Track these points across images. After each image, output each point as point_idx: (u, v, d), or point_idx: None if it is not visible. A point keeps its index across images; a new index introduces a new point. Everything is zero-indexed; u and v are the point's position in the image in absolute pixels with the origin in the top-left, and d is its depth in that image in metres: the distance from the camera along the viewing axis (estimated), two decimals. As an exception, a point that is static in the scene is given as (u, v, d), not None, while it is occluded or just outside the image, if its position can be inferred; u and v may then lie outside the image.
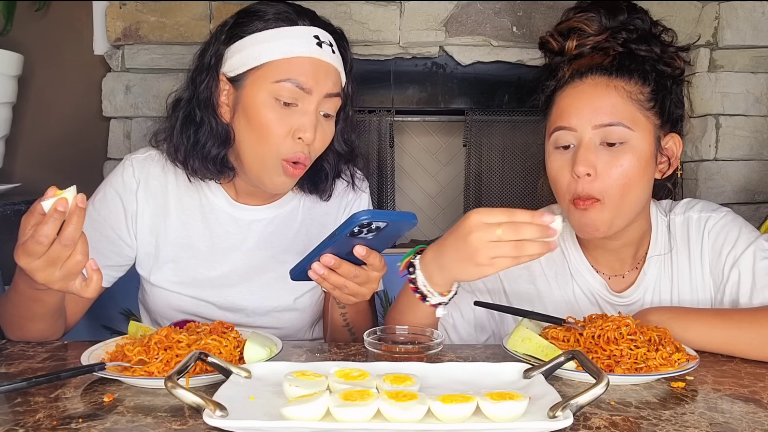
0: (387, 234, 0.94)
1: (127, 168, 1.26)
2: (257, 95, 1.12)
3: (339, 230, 0.91)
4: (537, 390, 0.80)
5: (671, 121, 1.13)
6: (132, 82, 2.17)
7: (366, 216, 0.88)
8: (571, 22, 1.14)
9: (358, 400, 0.73)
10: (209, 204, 1.26)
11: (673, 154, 1.14)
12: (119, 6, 2.12)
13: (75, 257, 0.89)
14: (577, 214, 1.08)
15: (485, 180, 2.32)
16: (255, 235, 1.27)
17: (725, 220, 1.16)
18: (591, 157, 1.06)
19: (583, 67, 1.11)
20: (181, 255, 1.25)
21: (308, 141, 1.12)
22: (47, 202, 0.86)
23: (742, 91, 2.18)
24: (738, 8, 2.16)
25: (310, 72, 1.12)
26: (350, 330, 1.23)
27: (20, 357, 1.01)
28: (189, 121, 1.19)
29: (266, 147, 1.12)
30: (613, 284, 1.20)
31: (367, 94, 2.25)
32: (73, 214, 0.86)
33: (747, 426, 0.76)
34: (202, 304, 1.26)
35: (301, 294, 1.29)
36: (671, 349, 0.92)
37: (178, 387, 0.72)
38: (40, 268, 0.88)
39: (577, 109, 1.08)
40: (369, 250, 0.95)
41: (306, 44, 1.12)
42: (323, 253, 0.95)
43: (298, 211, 1.30)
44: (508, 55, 2.21)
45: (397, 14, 2.16)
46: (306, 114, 1.12)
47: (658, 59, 1.12)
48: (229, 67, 1.15)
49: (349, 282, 0.98)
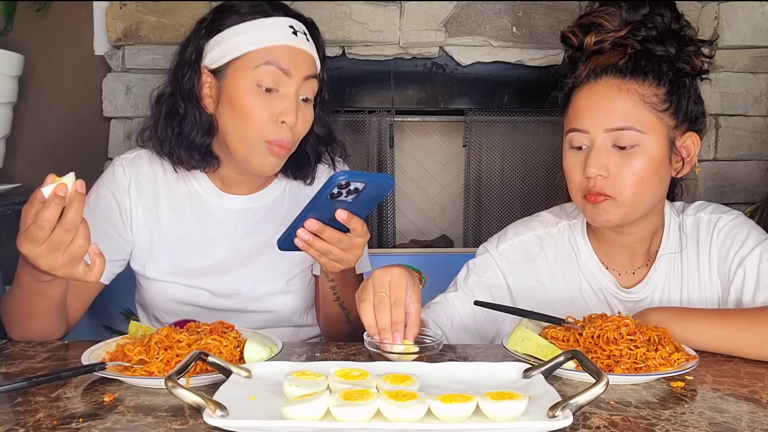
0: (366, 197, 0.96)
1: (117, 167, 1.30)
2: (240, 83, 1.16)
3: (319, 193, 0.93)
4: (537, 390, 0.80)
5: (689, 120, 1.13)
6: (132, 82, 2.17)
7: (343, 176, 0.90)
8: (591, 17, 1.14)
9: (358, 400, 0.73)
10: (198, 196, 1.30)
11: (690, 152, 1.13)
12: (119, 6, 2.13)
13: (77, 242, 0.90)
14: (590, 206, 1.10)
15: (485, 180, 2.32)
16: (244, 224, 1.31)
17: (735, 222, 1.16)
18: (602, 159, 1.07)
19: (599, 66, 1.11)
20: (174, 247, 1.28)
21: (291, 124, 1.17)
22: (47, 188, 0.87)
23: (742, 92, 2.19)
24: (737, 8, 2.16)
25: (288, 57, 1.17)
26: (341, 304, 1.26)
27: (21, 357, 1.01)
28: (173, 113, 1.23)
29: (250, 131, 1.17)
30: (622, 280, 1.20)
31: (367, 94, 2.25)
32: (73, 199, 0.87)
33: (746, 426, 0.76)
34: (198, 292, 1.29)
35: (293, 276, 1.33)
36: (671, 349, 0.92)
37: (178, 387, 0.72)
38: (43, 254, 0.89)
39: (591, 112, 1.09)
40: (350, 214, 0.98)
41: (282, 33, 1.18)
42: (306, 218, 0.98)
43: (284, 198, 1.34)
44: (508, 55, 2.21)
45: (397, 14, 2.16)
46: (287, 98, 1.17)
47: (675, 58, 1.12)
48: (210, 60, 1.20)
49: (333, 247, 1.01)
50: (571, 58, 1.19)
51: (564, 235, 1.24)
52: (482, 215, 2.32)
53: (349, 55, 2.18)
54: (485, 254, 1.26)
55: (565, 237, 1.24)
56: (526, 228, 1.27)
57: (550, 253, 1.23)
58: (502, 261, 1.24)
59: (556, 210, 1.29)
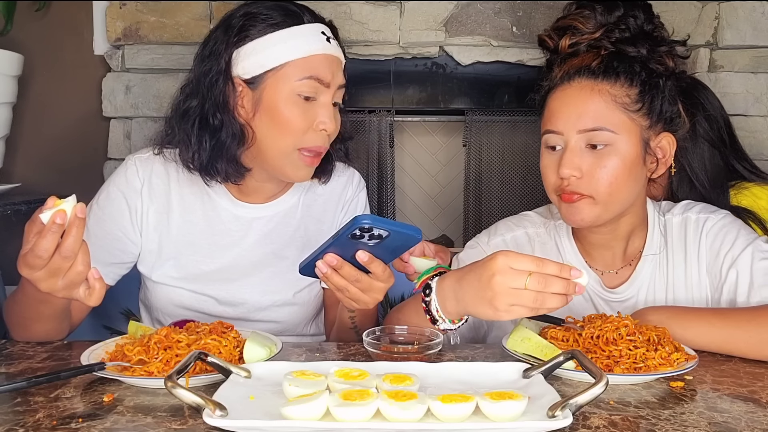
0: (391, 245, 0.94)
1: (131, 167, 1.27)
2: (280, 93, 1.16)
3: (342, 230, 0.92)
4: (536, 390, 0.80)
5: (664, 120, 1.13)
6: (132, 82, 2.17)
7: (367, 220, 0.89)
8: (567, 20, 1.16)
9: (358, 400, 0.73)
10: (211, 202, 1.28)
11: (666, 153, 1.14)
12: (119, 6, 2.12)
13: (76, 268, 0.88)
14: (565, 205, 1.12)
15: (485, 180, 2.32)
16: (255, 232, 1.29)
17: (723, 222, 1.17)
18: (576, 160, 1.09)
19: (572, 68, 1.13)
20: (183, 251, 1.27)
21: (330, 131, 1.19)
22: (45, 214, 0.85)
23: (742, 91, 2.18)
24: (738, 8, 2.16)
25: (326, 67, 1.19)
26: (357, 331, 1.25)
27: (20, 357, 1.01)
28: (204, 126, 1.19)
29: (288, 140, 1.17)
30: (606, 280, 1.21)
31: (367, 94, 2.25)
32: (72, 226, 0.86)
33: (746, 425, 0.76)
34: (203, 299, 1.27)
35: (300, 289, 1.31)
36: (670, 349, 0.92)
37: (177, 387, 0.72)
38: (43, 278, 0.89)
39: (564, 114, 1.11)
40: (372, 257, 0.96)
41: (318, 41, 1.19)
42: (327, 251, 0.96)
43: (297, 209, 1.33)
44: (508, 55, 2.21)
45: (397, 14, 2.16)
46: (325, 106, 1.19)
47: (647, 59, 1.12)
48: (244, 70, 1.17)
49: (350, 285, 0.99)
50: (548, 62, 1.21)
51: (551, 236, 1.26)
52: (482, 215, 2.32)
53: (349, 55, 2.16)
54: (476, 248, 1.27)
55: (552, 237, 1.26)
56: (516, 225, 1.29)
57: (539, 252, 1.25)
58: None
59: (542, 210, 1.31)
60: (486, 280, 0.89)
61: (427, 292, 1.00)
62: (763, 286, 1.10)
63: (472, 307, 0.94)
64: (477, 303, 0.92)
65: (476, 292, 0.91)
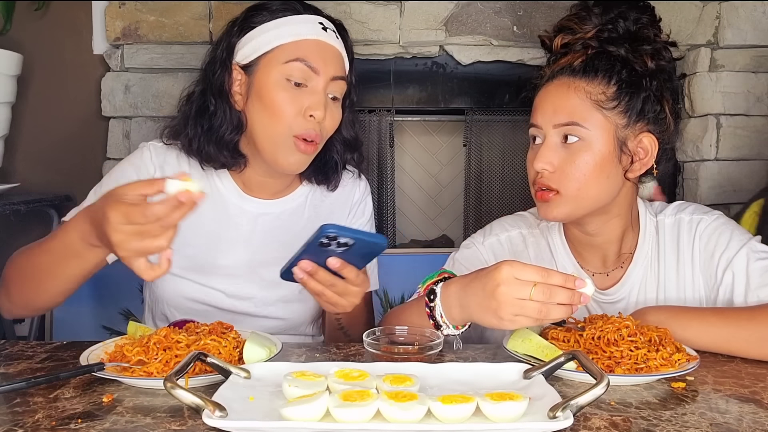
0: (359, 252, 0.97)
1: (145, 152, 1.29)
2: (269, 76, 1.18)
3: (310, 239, 0.94)
4: (537, 390, 0.80)
5: (646, 120, 1.13)
6: (131, 81, 2.17)
7: (333, 230, 0.91)
8: (563, 21, 1.18)
9: (358, 401, 0.73)
10: (220, 195, 1.29)
11: (647, 153, 1.13)
12: (118, 5, 2.12)
13: (160, 240, 0.87)
14: (538, 201, 1.16)
15: (485, 180, 2.32)
16: (262, 228, 1.30)
17: (717, 223, 1.17)
18: (549, 154, 1.12)
19: (558, 66, 1.15)
20: (189, 242, 1.26)
21: (319, 118, 1.18)
22: (173, 184, 0.85)
23: (743, 91, 2.18)
24: (739, 8, 2.16)
25: (317, 53, 1.19)
26: (345, 332, 1.27)
27: (19, 357, 1.01)
28: (203, 111, 1.24)
29: (279, 126, 1.17)
30: (598, 282, 1.21)
31: (367, 93, 2.25)
32: (186, 205, 0.86)
33: (747, 426, 0.76)
34: (211, 292, 1.28)
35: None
36: (671, 350, 0.92)
37: (177, 387, 0.72)
38: (126, 233, 0.86)
39: (543, 109, 1.14)
40: (343, 262, 0.98)
41: (312, 28, 1.20)
42: (302, 258, 0.98)
43: (305, 208, 1.34)
44: (508, 54, 2.21)
45: (397, 14, 2.16)
46: (315, 93, 1.18)
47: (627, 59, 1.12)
48: (241, 57, 1.21)
49: (326, 290, 1.01)
50: (547, 61, 1.22)
51: (544, 236, 1.27)
52: (482, 215, 2.31)
53: (350, 55, 2.18)
54: (472, 248, 1.28)
55: (545, 237, 1.27)
56: (511, 225, 1.30)
57: (532, 253, 1.26)
58: (489, 255, 1.27)
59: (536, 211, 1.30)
60: (491, 289, 0.90)
61: (431, 297, 1.00)
62: (759, 287, 1.10)
63: (477, 316, 0.94)
64: (481, 312, 0.93)
65: (481, 301, 0.92)
